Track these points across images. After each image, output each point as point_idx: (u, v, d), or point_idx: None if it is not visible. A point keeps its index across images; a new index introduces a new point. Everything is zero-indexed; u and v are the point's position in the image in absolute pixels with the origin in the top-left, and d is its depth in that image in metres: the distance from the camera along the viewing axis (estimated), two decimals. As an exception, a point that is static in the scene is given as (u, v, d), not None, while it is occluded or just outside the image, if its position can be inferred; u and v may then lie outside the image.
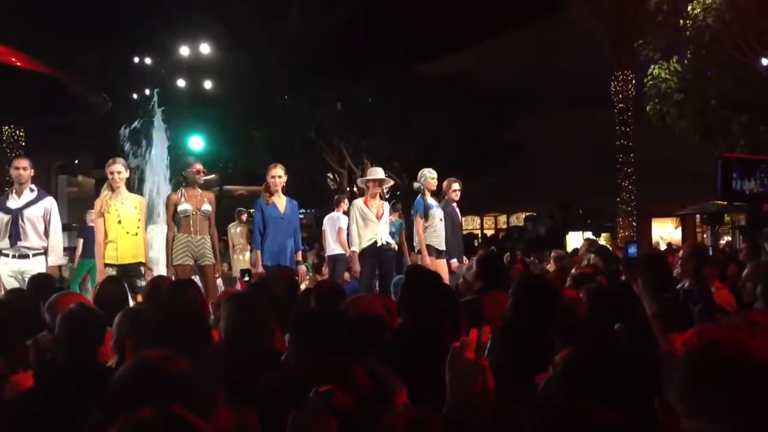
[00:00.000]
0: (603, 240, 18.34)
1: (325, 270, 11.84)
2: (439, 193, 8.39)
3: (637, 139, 17.15)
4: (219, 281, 8.31)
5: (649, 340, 2.78)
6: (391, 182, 8.09)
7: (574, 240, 18.81)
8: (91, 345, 2.91)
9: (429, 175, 8.01)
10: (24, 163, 6.51)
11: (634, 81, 16.97)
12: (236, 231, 12.50)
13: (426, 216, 7.92)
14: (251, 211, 14.44)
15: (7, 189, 6.71)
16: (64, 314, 2.88)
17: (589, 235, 18.67)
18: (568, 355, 1.76)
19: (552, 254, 9.02)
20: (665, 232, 22.15)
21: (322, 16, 18.03)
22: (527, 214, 23.95)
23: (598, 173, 18.32)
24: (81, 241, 11.13)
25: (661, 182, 18.22)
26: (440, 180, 8.21)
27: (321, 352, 2.34)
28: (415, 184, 8.18)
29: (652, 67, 15.54)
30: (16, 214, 6.23)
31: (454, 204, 8.29)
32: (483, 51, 23.49)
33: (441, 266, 7.56)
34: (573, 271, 5.83)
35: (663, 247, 17.44)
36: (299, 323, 2.45)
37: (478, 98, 19.97)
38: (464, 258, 8.21)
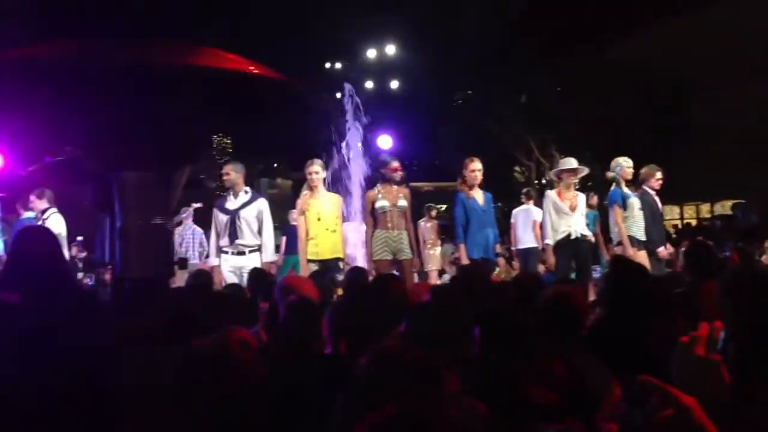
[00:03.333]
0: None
1: (515, 264, 11.73)
2: (635, 182, 8.02)
3: None
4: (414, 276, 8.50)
5: None
6: (586, 170, 7.84)
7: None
8: (311, 334, 3.11)
9: (625, 164, 7.68)
10: (226, 168, 7.09)
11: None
12: (426, 226, 12.72)
13: (624, 206, 7.62)
14: (439, 207, 14.70)
15: (224, 193, 7.34)
16: (287, 304, 3.11)
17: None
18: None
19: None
20: None
21: (504, 5, 17.83)
22: (735, 201, 22.03)
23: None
24: (284, 239, 11.91)
25: None
26: (635, 169, 7.85)
27: (511, 344, 2.33)
28: (609, 174, 7.86)
29: None
30: (233, 215, 6.80)
31: (653, 192, 7.88)
32: (672, 32, 21.98)
33: (642, 257, 7.21)
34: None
35: None
36: (490, 317, 2.45)
37: (669, 81, 18.71)
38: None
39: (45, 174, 5.24)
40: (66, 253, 7.56)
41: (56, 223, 7.57)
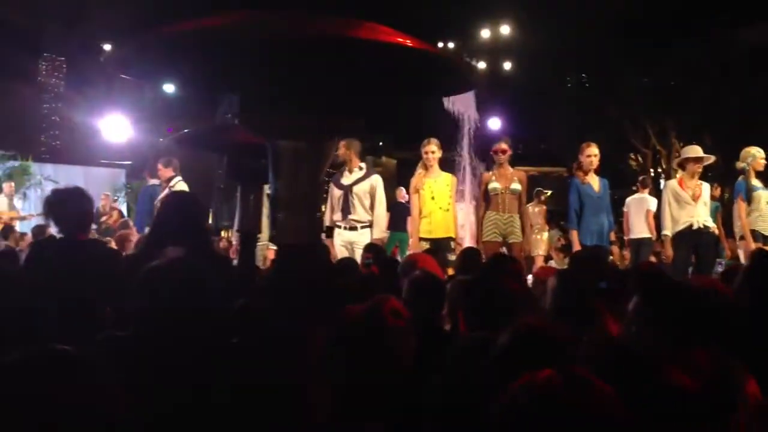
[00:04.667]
0: None
1: (626, 254, 11.40)
2: (766, 174, 7.60)
3: None
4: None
5: None
6: (711, 159, 7.50)
7: None
8: (433, 309, 3.16)
9: (758, 155, 7.30)
10: (340, 144, 7.24)
11: None
12: (534, 211, 12.53)
13: (749, 199, 7.26)
14: (547, 192, 14.43)
15: (338, 170, 7.51)
16: (411, 279, 3.18)
17: None
18: None
19: None
20: None
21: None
22: None
23: None
24: (388, 215, 12.03)
25: None
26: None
27: (666, 328, 2.28)
28: (739, 164, 7.48)
29: None
30: (346, 190, 6.95)
31: (785, 185, 7.46)
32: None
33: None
34: None
35: None
36: (649, 295, 2.40)
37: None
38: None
39: (177, 143, 5.53)
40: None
41: (181, 192, 7.95)
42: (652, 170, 18.56)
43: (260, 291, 3.00)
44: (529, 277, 4.91)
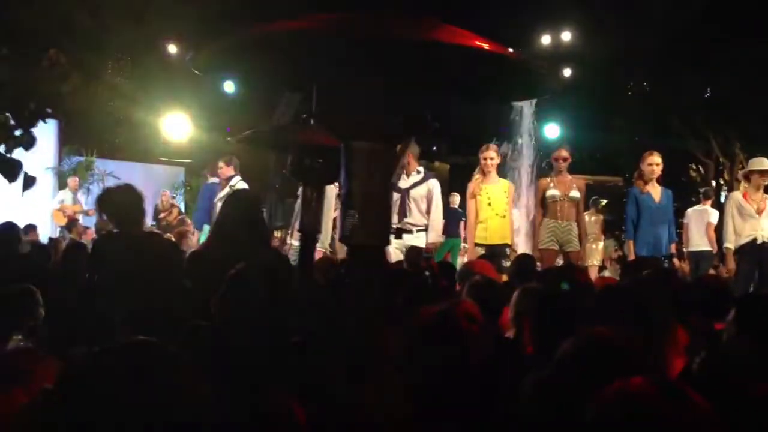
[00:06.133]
0: None
1: (685, 266, 11.14)
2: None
3: None
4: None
5: None
6: None
7: None
8: (492, 314, 3.15)
9: (826, 166, 7.04)
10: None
11: None
12: (590, 220, 12.35)
13: (816, 213, 7.01)
14: (603, 201, 14.18)
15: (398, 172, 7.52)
16: (470, 284, 3.17)
17: None
18: None
19: None
20: None
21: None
22: None
23: None
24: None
25: None
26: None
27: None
28: (807, 176, 7.22)
29: None
30: (404, 194, 6.97)
31: None
32: None
33: None
34: None
35: None
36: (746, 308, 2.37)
37: None
38: None
39: (240, 143, 5.63)
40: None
41: (241, 191, 8.07)
42: (714, 182, 18.04)
43: (329, 290, 3.03)
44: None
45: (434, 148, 27.52)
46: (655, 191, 6.75)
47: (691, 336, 2.85)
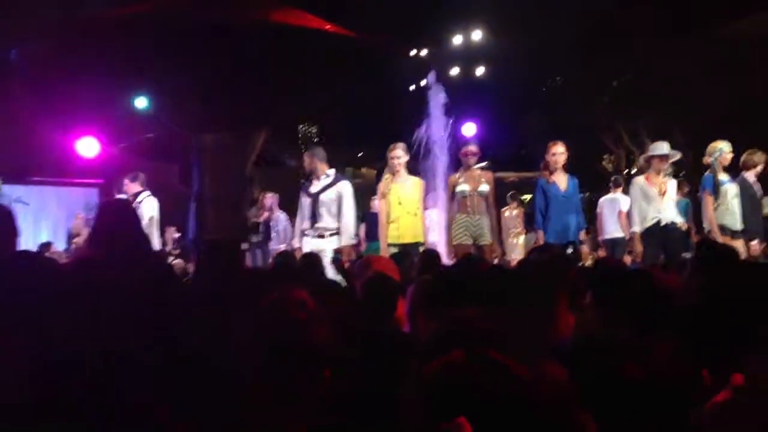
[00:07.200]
0: None
1: (600, 254, 11.42)
2: (733, 169, 7.64)
3: None
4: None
5: None
6: (678, 155, 7.51)
7: None
8: (387, 311, 3.11)
9: (726, 149, 7.33)
10: (305, 156, 7.31)
11: None
12: (511, 214, 12.55)
13: (716, 193, 7.28)
14: (523, 197, 14.43)
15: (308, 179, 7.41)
16: (364, 282, 3.12)
17: None
18: None
19: None
20: None
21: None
22: None
23: None
24: (363, 226, 11.96)
25: None
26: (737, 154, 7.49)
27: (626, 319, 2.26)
28: (707, 159, 7.51)
29: None
30: (314, 198, 6.90)
31: (753, 180, 7.48)
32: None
33: (737, 248, 6.87)
34: None
35: None
36: (603, 284, 2.39)
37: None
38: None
39: (135, 152, 5.46)
40: (156, 235, 7.85)
41: (149, 207, 7.80)
42: (626, 171, 18.65)
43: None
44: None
45: (360, 154, 27.59)
46: (561, 180, 6.89)
47: (579, 316, 2.87)
